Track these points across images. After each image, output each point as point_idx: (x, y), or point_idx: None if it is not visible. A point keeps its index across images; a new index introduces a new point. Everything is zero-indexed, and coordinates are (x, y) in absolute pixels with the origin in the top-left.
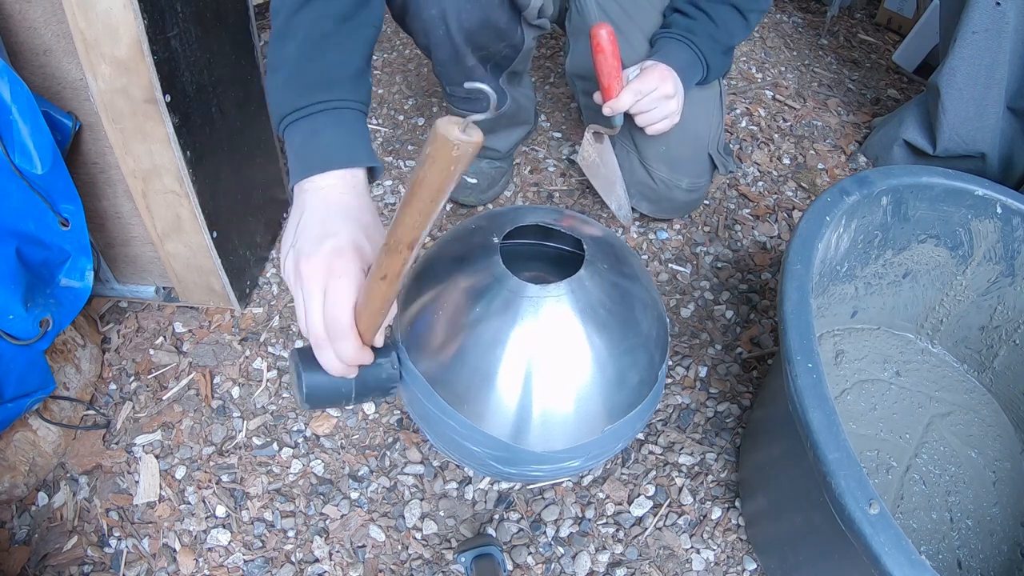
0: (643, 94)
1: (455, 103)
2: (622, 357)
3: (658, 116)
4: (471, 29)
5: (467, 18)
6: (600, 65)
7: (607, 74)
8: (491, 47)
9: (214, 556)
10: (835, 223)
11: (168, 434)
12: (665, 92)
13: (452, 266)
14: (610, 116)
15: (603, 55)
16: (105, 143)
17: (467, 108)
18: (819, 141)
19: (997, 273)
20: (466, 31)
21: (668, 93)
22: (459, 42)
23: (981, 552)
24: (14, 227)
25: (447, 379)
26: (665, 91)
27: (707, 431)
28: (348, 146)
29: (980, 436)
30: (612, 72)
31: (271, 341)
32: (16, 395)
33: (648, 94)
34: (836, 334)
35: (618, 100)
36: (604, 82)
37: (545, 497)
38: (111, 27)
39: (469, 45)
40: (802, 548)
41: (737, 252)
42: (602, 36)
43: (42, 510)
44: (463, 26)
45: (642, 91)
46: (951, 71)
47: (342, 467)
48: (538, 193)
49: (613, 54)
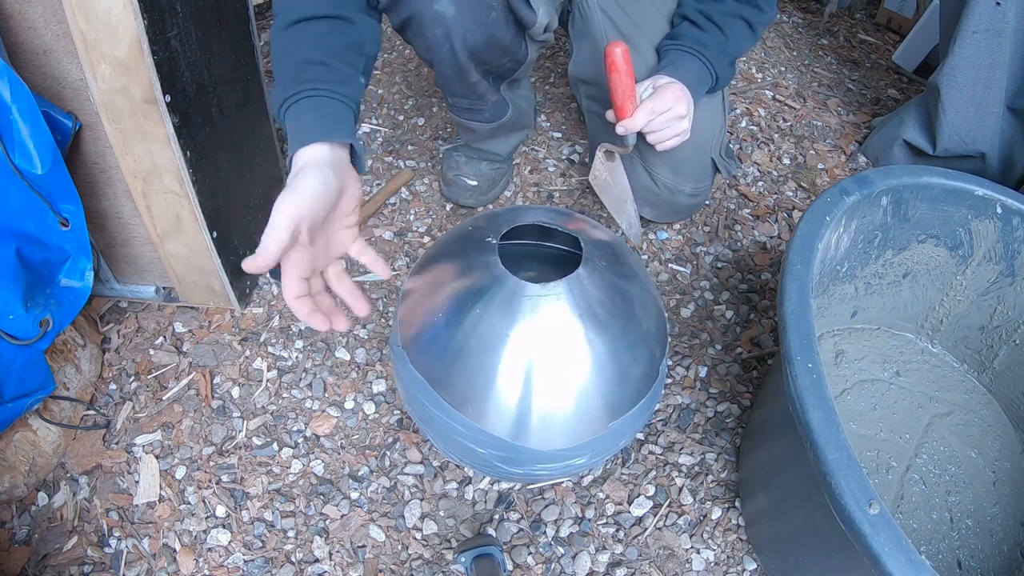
0: (657, 114)
1: (456, 112)
2: (622, 353)
3: (669, 135)
4: (476, 48)
5: (472, 38)
6: (614, 84)
7: (621, 93)
8: (495, 63)
9: (214, 556)
10: (835, 223)
11: (168, 434)
12: (679, 113)
13: (451, 267)
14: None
15: (618, 74)
16: (105, 143)
17: (468, 117)
18: (819, 141)
19: (997, 273)
20: (471, 50)
21: (681, 113)
22: (463, 60)
23: (981, 552)
24: (14, 227)
25: (448, 380)
26: (679, 112)
27: (707, 431)
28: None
29: (980, 436)
30: (626, 91)
31: (271, 341)
32: (16, 395)
33: (662, 114)
34: (836, 334)
35: (632, 120)
36: (618, 101)
37: (545, 497)
38: (111, 27)
39: (473, 62)
40: (802, 548)
41: (737, 252)
42: (617, 55)
43: (42, 510)
44: (468, 45)
45: (656, 111)
46: (951, 71)
47: (342, 467)
48: (538, 193)
49: (628, 72)
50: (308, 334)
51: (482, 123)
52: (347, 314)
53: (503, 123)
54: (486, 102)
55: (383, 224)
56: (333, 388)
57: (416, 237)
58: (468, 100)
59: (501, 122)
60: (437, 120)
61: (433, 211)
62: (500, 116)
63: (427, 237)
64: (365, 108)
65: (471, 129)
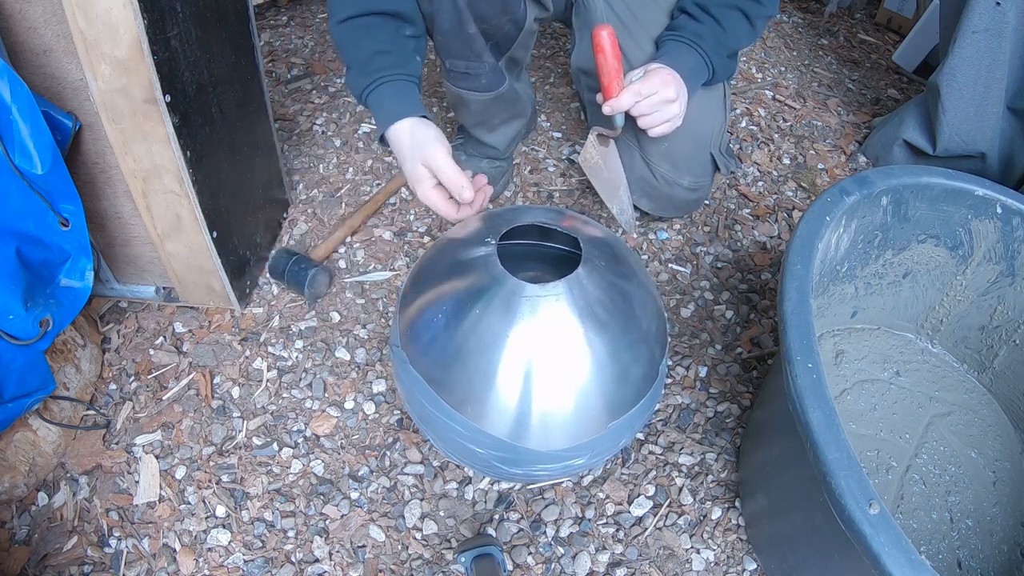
0: (643, 96)
1: (453, 79)
2: (622, 353)
3: (659, 119)
4: None
5: None
6: (600, 65)
7: (607, 74)
8: (494, 19)
9: (214, 556)
10: (835, 223)
11: (168, 434)
12: (666, 96)
13: (450, 267)
14: (611, 116)
15: (603, 55)
16: (105, 143)
17: (464, 84)
18: (819, 141)
19: (997, 273)
20: None
21: (670, 97)
22: (462, 6)
23: (981, 552)
24: (14, 227)
25: (448, 381)
26: (666, 95)
27: (707, 431)
28: (403, 104)
29: (980, 436)
30: (612, 72)
31: (271, 341)
32: (16, 395)
33: (648, 96)
34: (836, 334)
35: (618, 100)
36: (604, 81)
37: (545, 497)
38: (111, 27)
39: (471, 11)
40: (802, 548)
41: (737, 252)
42: (603, 36)
43: (42, 510)
44: None
45: (642, 93)
46: (951, 71)
47: (342, 467)
48: (538, 193)
49: (614, 55)
50: (308, 334)
51: (479, 92)
52: None
53: (500, 95)
54: (483, 64)
55: (383, 224)
56: (333, 388)
57: (416, 237)
58: (465, 62)
59: (499, 92)
60: (437, 120)
61: (433, 211)
62: (497, 85)
63: (427, 237)
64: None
65: (467, 105)
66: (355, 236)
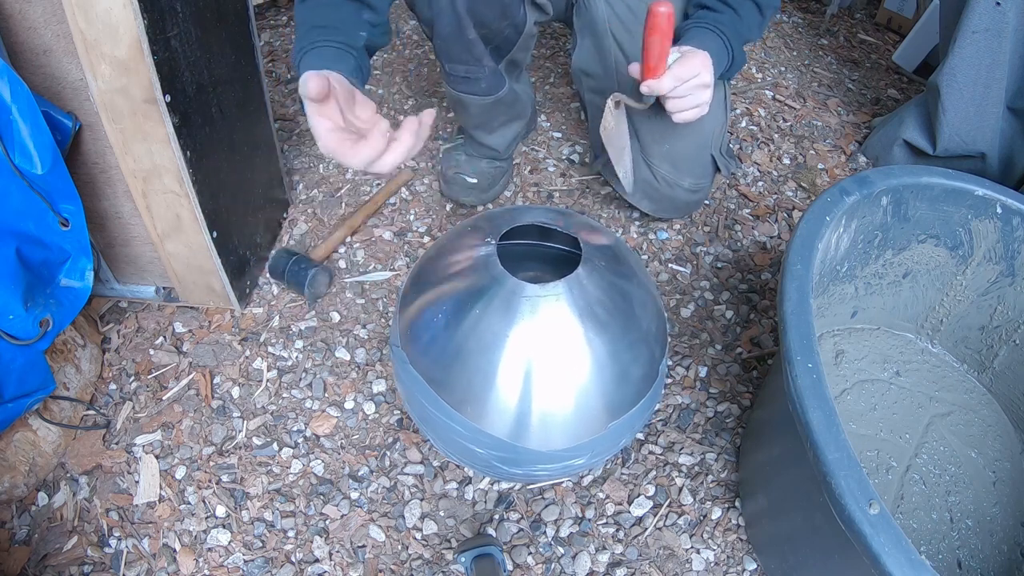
0: (683, 80)
1: (452, 83)
2: (622, 353)
3: (691, 103)
4: None
5: None
6: (652, 45)
7: (656, 55)
8: (493, 24)
9: (214, 556)
10: (835, 223)
11: (168, 434)
12: (704, 81)
13: (450, 267)
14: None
15: (657, 35)
16: (105, 143)
17: (464, 88)
18: (819, 141)
19: (997, 273)
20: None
21: (707, 82)
22: (462, 11)
23: (981, 552)
24: (14, 227)
25: (448, 381)
26: (704, 80)
27: (707, 431)
28: (324, 62)
29: (980, 436)
30: (663, 54)
31: (271, 341)
32: (16, 395)
33: (687, 80)
34: (836, 334)
35: (659, 82)
36: (651, 63)
37: (545, 497)
38: (111, 27)
39: (471, 16)
40: (802, 548)
41: (737, 252)
42: (661, 15)
43: (42, 510)
44: None
45: (682, 77)
46: (951, 71)
47: (342, 467)
48: (538, 193)
49: (668, 35)
50: (308, 334)
51: (479, 96)
52: None
53: (500, 98)
54: (483, 68)
55: (383, 224)
56: (333, 388)
57: (416, 237)
58: (465, 66)
59: (498, 96)
60: (437, 120)
61: (433, 211)
62: (497, 89)
63: (427, 237)
64: None
65: (467, 108)
66: (355, 236)
